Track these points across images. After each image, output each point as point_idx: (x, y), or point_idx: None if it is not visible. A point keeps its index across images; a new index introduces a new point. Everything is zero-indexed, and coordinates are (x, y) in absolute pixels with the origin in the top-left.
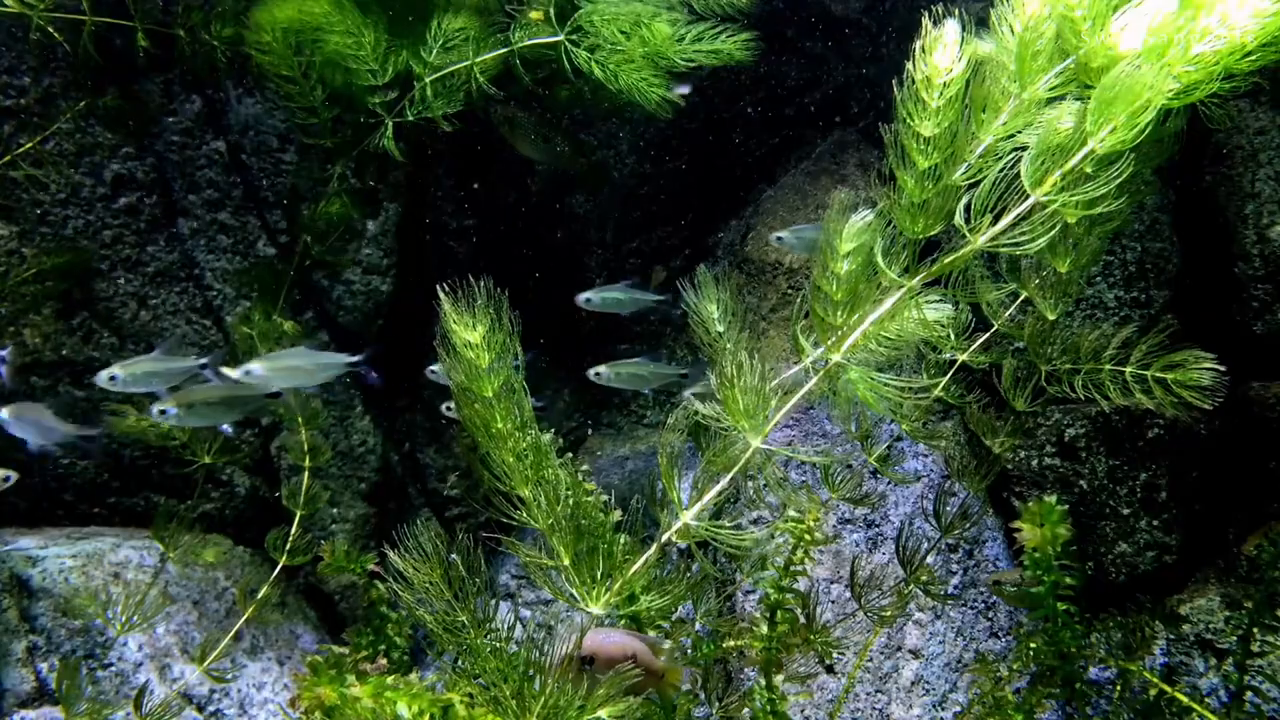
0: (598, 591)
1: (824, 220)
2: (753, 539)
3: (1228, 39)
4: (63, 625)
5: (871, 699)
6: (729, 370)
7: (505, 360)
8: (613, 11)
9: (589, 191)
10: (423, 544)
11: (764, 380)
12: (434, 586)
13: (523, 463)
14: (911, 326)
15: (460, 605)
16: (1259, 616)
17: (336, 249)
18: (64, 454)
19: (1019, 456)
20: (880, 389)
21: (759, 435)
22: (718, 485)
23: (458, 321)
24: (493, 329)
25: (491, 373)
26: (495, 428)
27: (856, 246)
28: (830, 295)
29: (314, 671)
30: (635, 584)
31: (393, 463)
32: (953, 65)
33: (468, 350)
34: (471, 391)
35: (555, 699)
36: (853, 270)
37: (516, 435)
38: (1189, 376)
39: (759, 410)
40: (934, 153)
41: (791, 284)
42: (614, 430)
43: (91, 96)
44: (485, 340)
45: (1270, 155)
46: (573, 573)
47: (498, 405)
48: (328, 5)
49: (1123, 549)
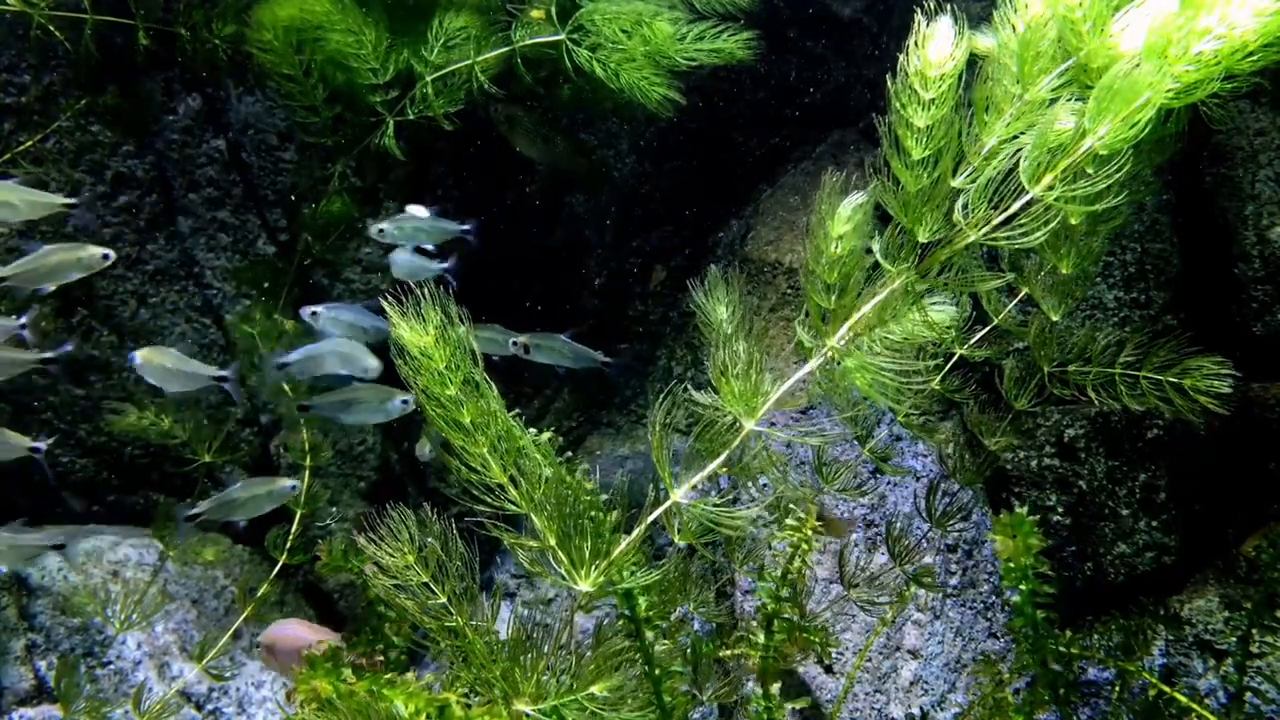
0: (586, 569)
1: (816, 202)
2: (745, 517)
3: (1228, 39)
4: (61, 623)
5: (870, 699)
6: (723, 356)
7: (462, 356)
8: (614, 10)
9: (589, 191)
10: (395, 527)
11: (759, 367)
12: (410, 569)
13: (498, 450)
14: (916, 328)
15: (440, 587)
16: (1258, 617)
17: (337, 247)
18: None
19: (1018, 457)
20: (878, 376)
21: (752, 418)
22: (709, 466)
23: (410, 329)
24: (444, 329)
25: (450, 371)
26: (465, 423)
27: (850, 229)
28: (823, 278)
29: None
30: (625, 562)
31: (392, 462)
32: (946, 60)
33: (423, 357)
34: (434, 393)
35: (544, 677)
36: (845, 254)
37: (487, 425)
38: (1205, 383)
39: (754, 394)
40: (929, 144)
41: (791, 284)
42: (614, 430)
43: (92, 95)
44: (438, 342)
45: (1270, 156)
46: (560, 552)
47: (466, 402)
48: (329, 4)
49: (1122, 549)
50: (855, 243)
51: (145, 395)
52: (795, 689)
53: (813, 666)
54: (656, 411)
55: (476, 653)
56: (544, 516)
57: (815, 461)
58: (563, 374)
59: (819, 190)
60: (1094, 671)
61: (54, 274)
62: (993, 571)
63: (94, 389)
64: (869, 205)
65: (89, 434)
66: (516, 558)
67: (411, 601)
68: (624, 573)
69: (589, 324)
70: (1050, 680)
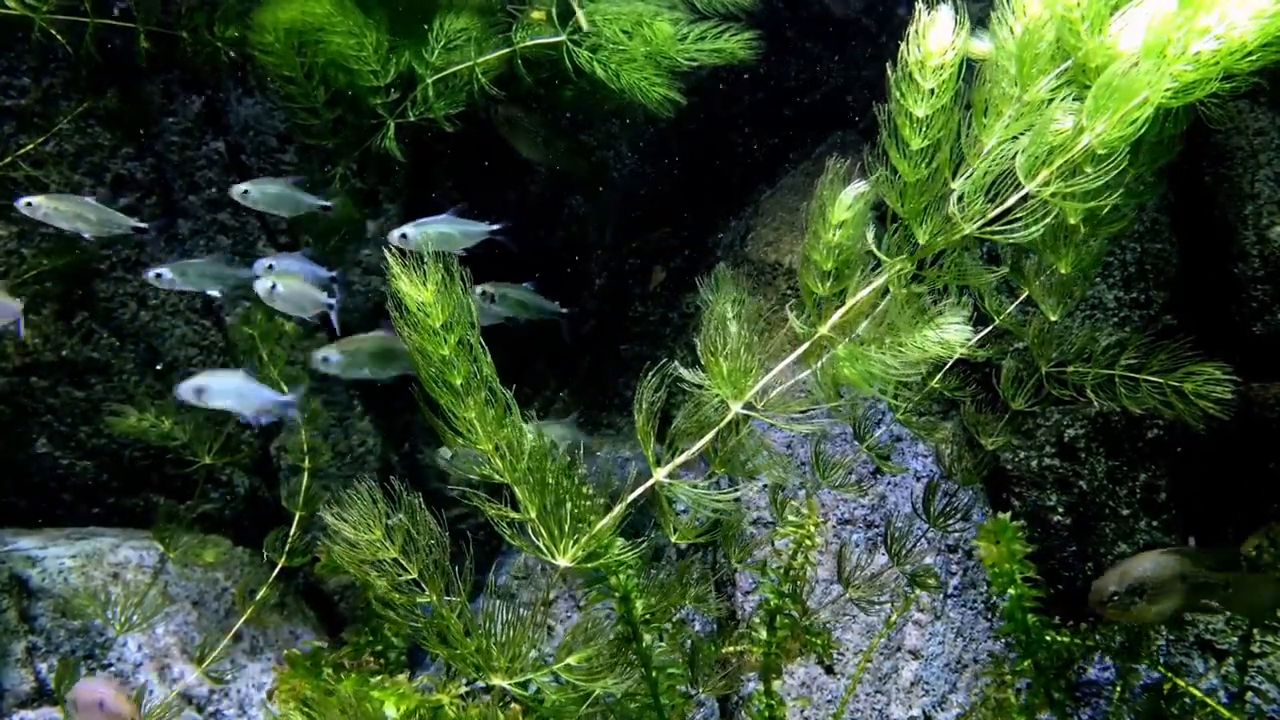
0: (565, 544)
1: (818, 188)
2: (730, 497)
3: (1227, 38)
4: (62, 625)
5: (871, 699)
6: (713, 335)
7: (460, 317)
8: (614, 11)
9: (589, 192)
10: (361, 501)
11: (751, 349)
12: (378, 544)
13: (484, 418)
14: (932, 347)
15: (410, 561)
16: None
17: (338, 249)
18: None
19: (1019, 457)
20: (870, 365)
21: (740, 400)
22: (694, 445)
23: (409, 282)
24: (444, 285)
25: (446, 330)
26: (456, 384)
27: (851, 217)
28: (820, 265)
29: (291, 665)
30: (604, 538)
31: (392, 463)
32: (947, 49)
33: (420, 313)
34: (428, 353)
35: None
36: (844, 240)
37: (477, 392)
38: (1205, 387)
39: (744, 375)
40: (927, 134)
41: (791, 285)
42: (614, 431)
43: (92, 97)
44: (437, 299)
45: (1270, 156)
46: (540, 525)
47: (459, 362)
48: (330, 6)
49: (1122, 550)
50: (854, 231)
51: (145, 397)
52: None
53: (814, 667)
54: (643, 390)
55: (452, 630)
56: (525, 488)
57: (814, 461)
58: (522, 324)
59: (822, 176)
60: (1094, 671)
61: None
62: None
63: (94, 391)
64: (870, 196)
65: (89, 436)
66: (501, 530)
67: (383, 580)
68: (607, 549)
69: (590, 324)
70: (1045, 683)
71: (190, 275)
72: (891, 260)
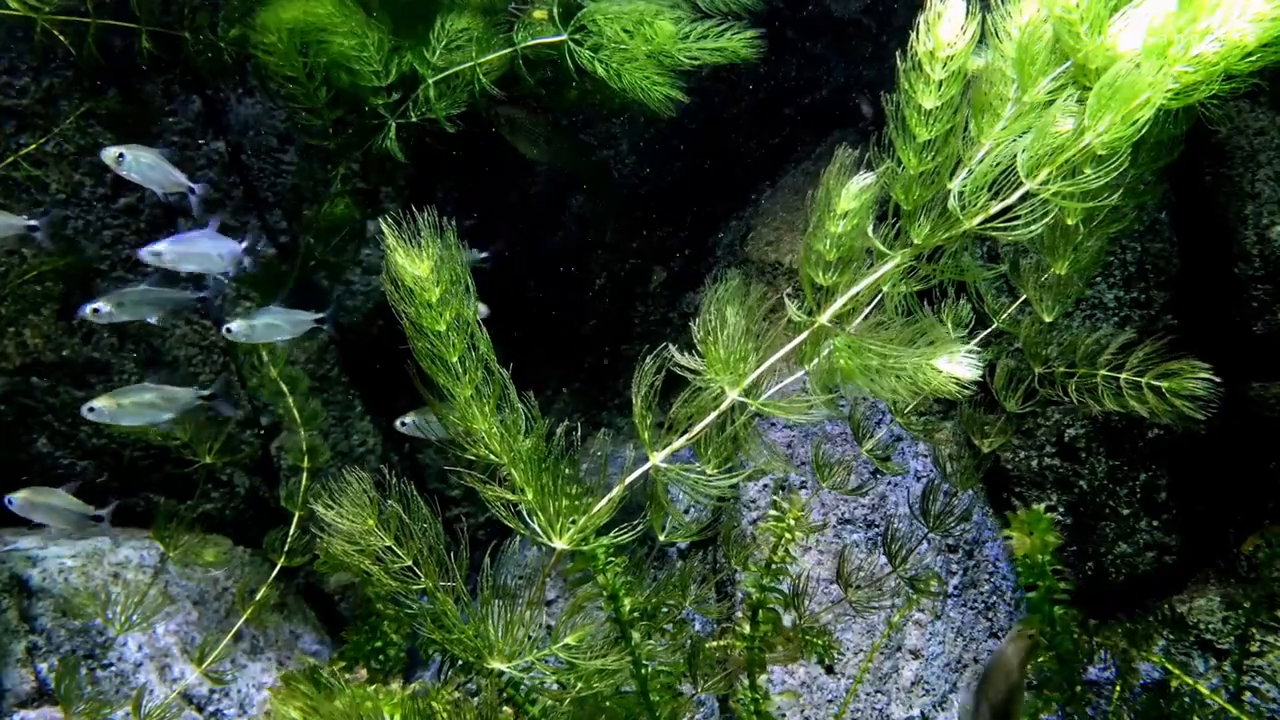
0: (562, 525)
1: (823, 179)
2: (727, 483)
3: (1228, 39)
4: (62, 625)
5: (871, 699)
6: (711, 318)
7: (457, 291)
8: (616, 10)
9: (589, 192)
10: (351, 492)
11: (749, 334)
12: (371, 534)
13: (481, 396)
14: (942, 383)
15: (403, 549)
16: (1257, 616)
17: (338, 249)
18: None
19: (1019, 457)
20: (867, 359)
21: (737, 387)
22: (692, 430)
23: (405, 255)
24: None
25: (442, 305)
26: (451, 361)
27: (857, 207)
28: (823, 255)
29: (286, 684)
30: (602, 520)
31: (393, 463)
32: (958, 39)
33: (417, 286)
34: (424, 327)
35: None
36: (849, 230)
37: (474, 370)
38: (1183, 385)
39: (741, 360)
40: (933, 127)
41: (792, 285)
42: (614, 431)
43: (93, 97)
44: (434, 273)
45: (1270, 156)
46: (536, 507)
47: (454, 338)
48: (332, 6)
49: (1123, 549)
50: (858, 222)
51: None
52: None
53: (814, 667)
54: (640, 374)
55: (448, 614)
56: (522, 469)
57: (814, 461)
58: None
59: (829, 165)
60: (1094, 671)
61: None
62: (993, 571)
63: (94, 391)
64: (876, 188)
65: (89, 436)
66: (495, 511)
67: (378, 567)
68: (598, 535)
69: (591, 324)
70: (1068, 676)
71: (128, 305)
72: (892, 253)
